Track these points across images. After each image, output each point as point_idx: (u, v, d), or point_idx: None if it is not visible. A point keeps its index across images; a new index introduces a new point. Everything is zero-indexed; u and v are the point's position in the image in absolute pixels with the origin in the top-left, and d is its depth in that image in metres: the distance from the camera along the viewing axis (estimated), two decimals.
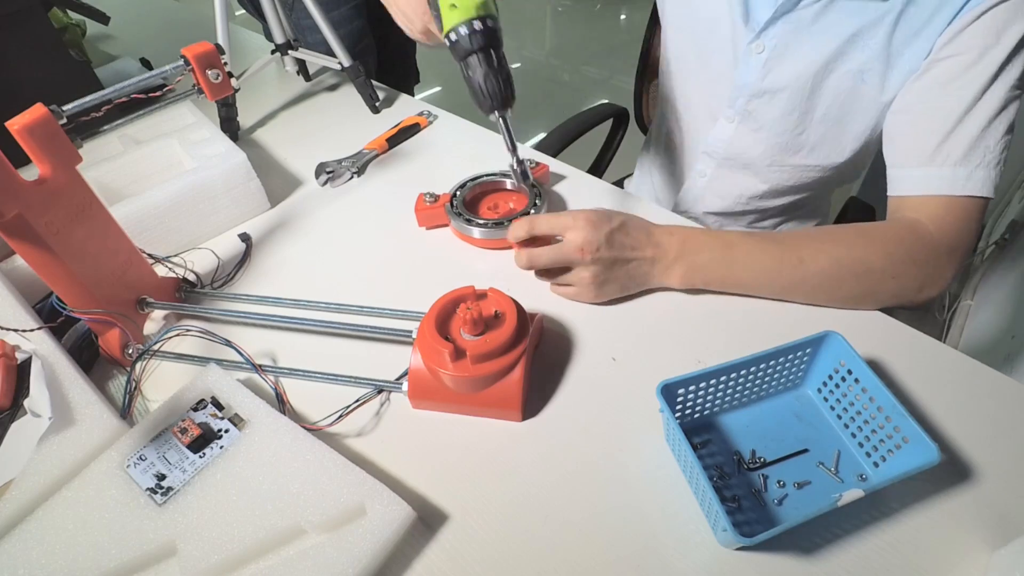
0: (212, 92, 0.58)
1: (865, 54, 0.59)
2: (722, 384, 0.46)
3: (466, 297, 0.50)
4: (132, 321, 0.55)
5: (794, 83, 0.64)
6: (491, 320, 0.49)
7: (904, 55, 0.58)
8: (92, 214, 0.50)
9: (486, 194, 0.70)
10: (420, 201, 0.67)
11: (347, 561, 0.39)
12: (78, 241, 0.49)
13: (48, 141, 0.45)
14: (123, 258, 0.54)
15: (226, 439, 0.46)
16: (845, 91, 0.62)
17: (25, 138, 0.44)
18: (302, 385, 0.52)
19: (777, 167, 0.72)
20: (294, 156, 0.82)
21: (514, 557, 0.42)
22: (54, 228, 0.46)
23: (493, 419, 0.49)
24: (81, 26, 1.05)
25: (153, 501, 0.42)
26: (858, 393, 0.45)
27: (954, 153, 0.55)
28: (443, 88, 2.70)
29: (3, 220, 0.43)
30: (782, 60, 0.64)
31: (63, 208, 0.47)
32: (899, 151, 0.59)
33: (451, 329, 0.49)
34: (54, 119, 0.46)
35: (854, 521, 0.42)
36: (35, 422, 0.46)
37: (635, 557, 0.41)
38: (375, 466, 0.47)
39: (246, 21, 1.25)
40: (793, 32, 0.62)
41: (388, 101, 0.91)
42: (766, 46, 0.64)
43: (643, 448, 0.47)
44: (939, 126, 0.55)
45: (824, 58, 0.61)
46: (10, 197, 0.42)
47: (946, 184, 0.55)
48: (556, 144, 1.01)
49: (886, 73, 0.59)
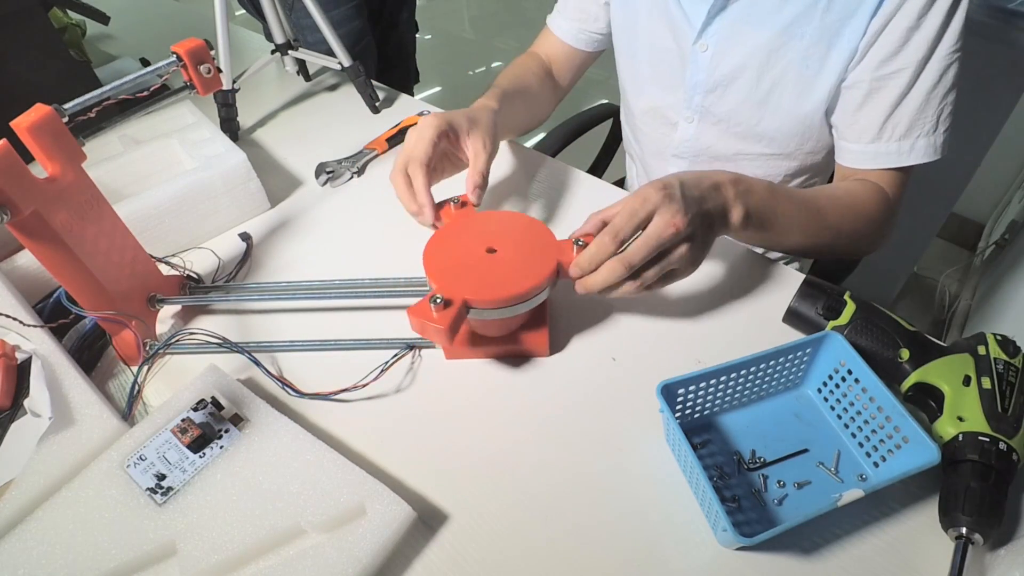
0: (203, 87, 0.57)
1: (804, 41, 0.61)
2: (722, 384, 0.46)
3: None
4: (143, 319, 0.55)
5: (742, 73, 0.66)
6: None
7: (842, 36, 0.60)
8: (100, 212, 0.50)
9: None
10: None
11: (347, 561, 0.39)
12: (90, 239, 0.49)
13: (54, 140, 0.45)
14: (130, 256, 0.54)
15: (226, 439, 0.46)
16: (792, 79, 0.64)
17: (32, 137, 0.44)
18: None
19: (744, 158, 0.74)
20: (294, 156, 0.82)
21: (514, 557, 0.42)
22: (67, 226, 0.46)
23: (521, 357, 0.53)
24: (81, 26, 1.05)
25: (153, 501, 0.42)
26: (858, 393, 0.45)
27: (898, 129, 0.61)
28: (443, 88, 2.70)
29: (20, 218, 0.43)
30: (727, 53, 0.66)
31: (73, 206, 0.47)
32: (846, 127, 0.64)
33: None
34: (59, 118, 0.46)
35: (854, 521, 0.42)
36: (35, 422, 0.46)
37: (635, 557, 0.41)
38: (375, 466, 0.47)
39: (246, 21, 1.25)
40: (731, 26, 0.65)
41: (388, 101, 0.91)
42: (709, 44, 0.67)
43: (643, 448, 0.47)
44: (882, 106, 0.60)
45: (765, 47, 0.63)
46: (27, 194, 0.43)
47: (892, 159, 0.62)
48: (556, 144, 1.01)
49: (827, 56, 0.61)
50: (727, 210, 0.52)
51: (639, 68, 0.76)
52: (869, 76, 0.60)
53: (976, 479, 0.40)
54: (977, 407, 0.42)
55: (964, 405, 0.43)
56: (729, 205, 0.52)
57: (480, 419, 0.50)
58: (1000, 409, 0.42)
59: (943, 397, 0.44)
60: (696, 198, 0.49)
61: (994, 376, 0.43)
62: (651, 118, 0.79)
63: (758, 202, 0.54)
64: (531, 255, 0.50)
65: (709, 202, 0.50)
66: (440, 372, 0.53)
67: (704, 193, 0.50)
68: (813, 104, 0.65)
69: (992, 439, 0.40)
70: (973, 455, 0.40)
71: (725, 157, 0.75)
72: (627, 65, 0.79)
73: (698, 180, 0.51)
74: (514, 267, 0.49)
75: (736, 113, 0.70)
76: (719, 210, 0.51)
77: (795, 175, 0.75)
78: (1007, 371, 0.44)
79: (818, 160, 0.72)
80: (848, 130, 0.64)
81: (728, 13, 0.64)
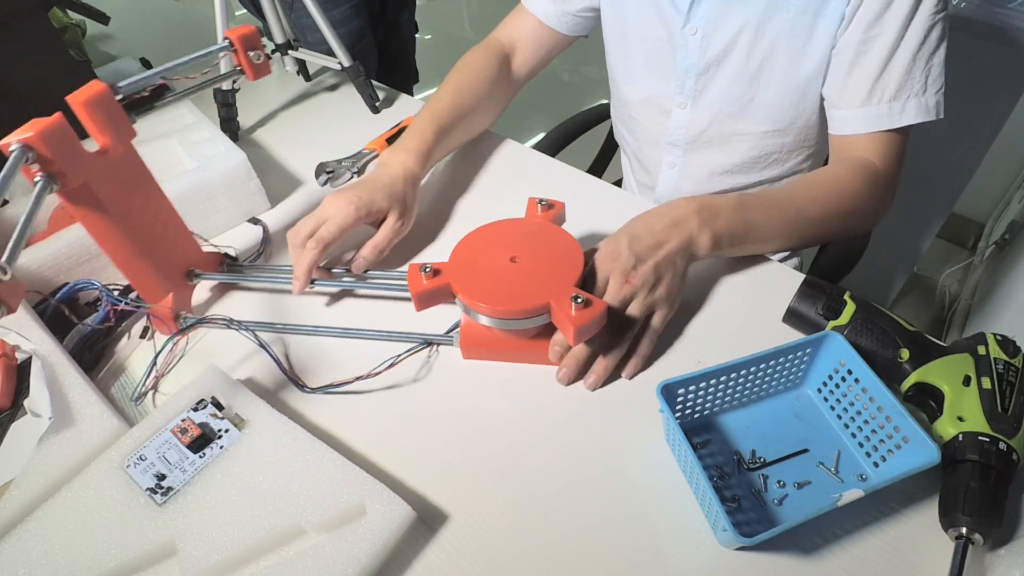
0: (253, 72, 0.60)
1: (790, 12, 0.62)
2: (722, 384, 0.46)
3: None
4: (180, 291, 0.58)
5: (732, 50, 0.67)
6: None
7: (828, 4, 0.60)
8: (146, 187, 0.53)
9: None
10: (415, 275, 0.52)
11: (347, 561, 0.39)
12: (135, 211, 0.51)
13: (107, 115, 0.48)
14: (173, 230, 0.57)
15: (226, 439, 0.46)
16: (782, 51, 0.65)
17: (86, 112, 0.46)
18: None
19: (739, 139, 0.74)
20: (294, 156, 0.82)
21: (514, 557, 0.42)
22: (114, 198, 0.49)
23: (536, 364, 0.52)
24: (81, 26, 1.05)
25: (153, 501, 0.42)
26: (858, 393, 0.45)
27: (888, 90, 0.61)
28: None
29: (69, 188, 0.45)
30: (715, 33, 0.67)
31: (121, 179, 0.50)
32: (836, 94, 0.64)
33: None
34: (112, 94, 0.48)
35: (854, 521, 0.42)
36: (35, 422, 0.46)
37: (635, 557, 0.41)
38: (375, 466, 0.47)
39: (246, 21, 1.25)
40: (717, 7, 0.65)
41: (388, 101, 0.91)
42: (698, 27, 0.67)
43: (643, 448, 0.47)
44: (870, 69, 0.61)
45: (753, 22, 0.64)
46: (77, 166, 0.45)
47: (884, 120, 0.62)
48: (555, 144, 1.01)
49: (814, 25, 0.62)
50: (692, 242, 0.54)
51: (632, 60, 0.77)
52: (856, 40, 0.60)
53: (976, 479, 0.40)
54: (977, 407, 0.42)
55: (964, 405, 0.43)
56: (694, 236, 0.54)
57: (480, 419, 0.50)
58: (1000, 409, 0.42)
59: (943, 397, 0.44)
60: (648, 247, 0.53)
61: (994, 376, 0.43)
62: (645, 107, 0.79)
63: (725, 223, 0.55)
64: (548, 273, 0.49)
65: (668, 244, 0.53)
66: (446, 372, 0.53)
67: (659, 238, 0.53)
68: (804, 73, 0.65)
69: (992, 439, 0.40)
70: (973, 455, 0.40)
71: (720, 140, 0.75)
72: (619, 58, 0.79)
73: (650, 226, 0.54)
74: (525, 282, 0.49)
75: (729, 92, 0.70)
76: (682, 246, 0.54)
77: (791, 152, 0.74)
78: (1007, 371, 0.44)
79: (812, 136, 0.72)
80: (839, 98, 0.64)
81: (709, 2, 0.65)
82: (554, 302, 0.47)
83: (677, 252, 0.53)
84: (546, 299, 0.47)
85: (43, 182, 0.43)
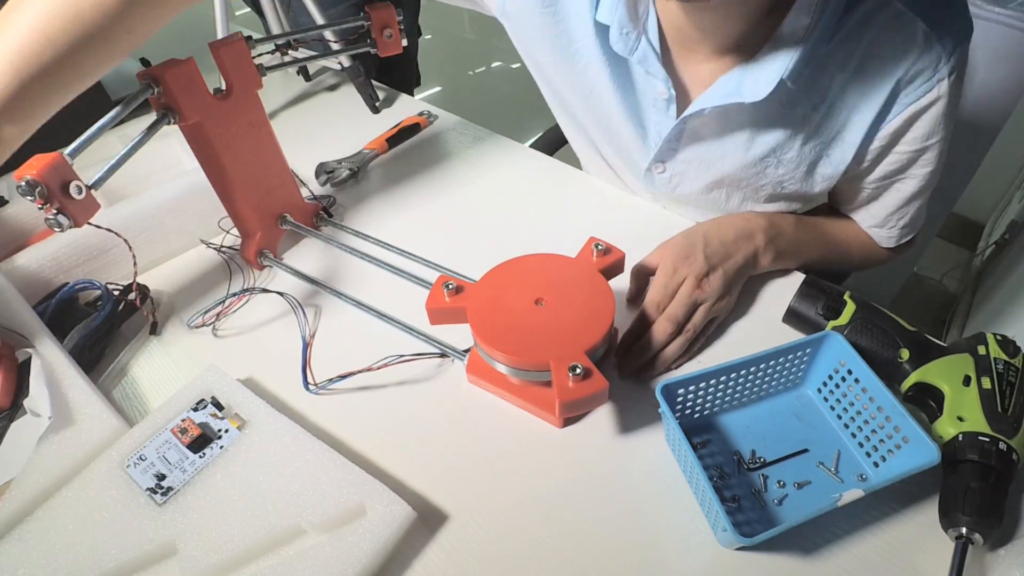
0: (383, 48, 0.64)
1: (780, 169, 0.58)
2: (722, 384, 0.46)
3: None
4: (269, 233, 0.63)
5: (708, 193, 0.63)
6: None
7: (834, 150, 0.56)
8: (261, 133, 0.59)
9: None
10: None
11: (347, 561, 0.39)
12: (244, 153, 0.57)
13: (237, 62, 0.54)
14: (277, 179, 0.62)
15: (226, 439, 0.46)
16: (766, 195, 0.61)
17: (219, 56, 0.53)
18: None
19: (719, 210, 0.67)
20: (294, 156, 0.81)
21: (514, 557, 0.42)
22: (225, 141, 0.55)
23: (533, 416, 0.50)
24: None
25: (153, 501, 0.42)
26: (858, 393, 0.45)
27: (904, 219, 0.63)
28: (443, 88, 2.70)
29: (186, 123, 0.52)
30: (685, 179, 0.63)
31: (237, 123, 0.56)
32: (848, 206, 0.66)
33: None
34: (246, 46, 0.54)
35: (854, 521, 0.42)
36: (35, 422, 0.46)
37: (635, 557, 0.41)
38: (375, 466, 0.47)
39: (246, 21, 1.25)
40: (686, 163, 0.61)
41: (388, 101, 0.91)
42: (666, 167, 0.63)
43: (643, 448, 0.47)
44: (890, 202, 0.62)
45: (734, 176, 0.60)
46: (196, 105, 0.51)
47: (892, 241, 0.66)
48: (555, 143, 1.01)
49: (811, 175, 0.58)
50: (757, 256, 0.56)
51: (598, 138, 0.69)
52: (877, 177, 0.59)
53: (976, 479, 0.40)
54: (977, 407, 0.42)
55: (964, 405, 0.43)
56: (760, 252, 0.56)
57: (480, 419, 0.50)
58: (1000, 409, 0.42)
59: (943, 397, 0.44)
60: (721, 255, 0.53)
61: (994, 376, 0.43)
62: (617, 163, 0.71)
63: (786, 242, 0.57)
64: (566, 328, 0.45)
65: (737, 254, 0.54)
66: (448, 375, 0.53)
67: (729, 248, 0.54)
68: (800, 193, 0.61)
69: (992, 439, 0.40)
70: (973, 455, 0.40)
71: (708, 203, 0.68)
72: (586, 127, 0.69)
73: (721, 235, 0.54)
74: (537, 331, 0.45)
75: (705, 197, 0.65)
76: (748, 260, 0.55)
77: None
78: (1007, 371, 0.44)
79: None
80: (851, 210, 0.66)
81: (683, 154, 0.60)
82: (555, 363, 0.42)
83: (744, 266, 0.55)
84: (547, 358, 0.43)
85: (162, 114, 0.50)
